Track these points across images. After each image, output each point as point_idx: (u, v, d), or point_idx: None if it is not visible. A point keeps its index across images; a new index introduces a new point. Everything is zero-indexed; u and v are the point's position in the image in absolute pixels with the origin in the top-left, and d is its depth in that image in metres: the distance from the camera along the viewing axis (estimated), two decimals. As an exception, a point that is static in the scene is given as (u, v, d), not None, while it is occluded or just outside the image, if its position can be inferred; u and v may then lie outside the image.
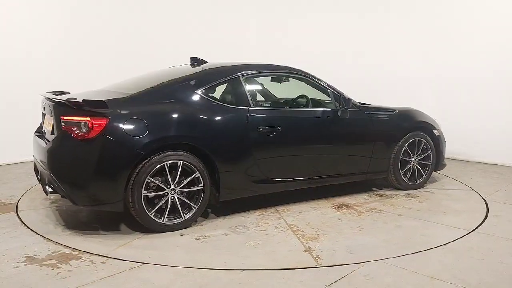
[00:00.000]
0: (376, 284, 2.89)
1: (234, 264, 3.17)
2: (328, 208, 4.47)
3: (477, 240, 3.69)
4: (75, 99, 3.63)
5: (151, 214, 3.65)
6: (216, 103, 4.04)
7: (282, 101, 5.18)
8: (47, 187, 3.74)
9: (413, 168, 5.08)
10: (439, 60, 6.96)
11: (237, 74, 4.25)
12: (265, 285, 2.87)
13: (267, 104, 5.04)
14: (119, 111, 3.60)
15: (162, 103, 3.84)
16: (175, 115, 3.80)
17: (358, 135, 4.77)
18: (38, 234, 3.71)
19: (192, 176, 3.77)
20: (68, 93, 4.46)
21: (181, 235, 3.69)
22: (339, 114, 4.59)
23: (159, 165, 3.62)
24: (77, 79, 6.40)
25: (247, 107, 4.12)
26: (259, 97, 5.01)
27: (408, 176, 5.06)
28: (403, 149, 4.96)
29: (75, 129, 3.49)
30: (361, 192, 5.03)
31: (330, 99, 4.69)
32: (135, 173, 3.56)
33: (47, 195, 3.94)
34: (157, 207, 3.67)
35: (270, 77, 4.84)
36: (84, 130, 3.48)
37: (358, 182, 5.07)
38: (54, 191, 3.71)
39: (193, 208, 3.83)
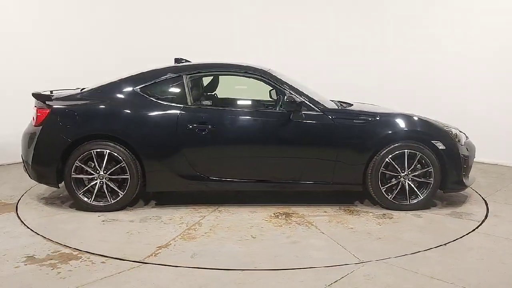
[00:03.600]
0: (376, 284, 2.89)
1: (88, 244, 3.50)
2: (263, 213, 4.25)
3: (477, 240, 3.68)
4: (45, 93, 4.40)
5: (79, 194, 4.22)
6: (150, 100, 4.32)
7: (233, 101, 5.10)
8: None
9: (402, 185, 4.34)
10: (439, 60, 6.96)
11: (180, 73, 4.46)
12: (265, 285, 2.87)
13: (207, 103, 4.74)
14: (59, 105, 4.30)
15: (99, 98, 4.35)
16: (103, 109, 4.31)
17: (315, 140, 4.32)
18: (38, 234, 3.71)
19: (118, 165, 4.19)
20: (82, 89, 4.66)
21: (98, 216, 4.14)
22: (291, 116, 4.27)
23: (86, 152, 4.16)
24: (78, 78, 6.39)
25: (182, 105, 4.31)
26: (208, 96, 4.96)
27: (394, 193, 4.34)
28: (385, 161, 4.27)
29: (33, 118, 4.38)
30: (332, 204, 4.53)
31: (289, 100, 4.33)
32: (68, 158, 4.19)
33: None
34: (85, 188, 4.22)
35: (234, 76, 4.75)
36: (35, 119, 4.32)
37: (345, 194, 4.68)
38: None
39: (119, 194, 4.22)
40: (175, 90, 4.48)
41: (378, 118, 4.39)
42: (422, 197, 4.35)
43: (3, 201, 4.62)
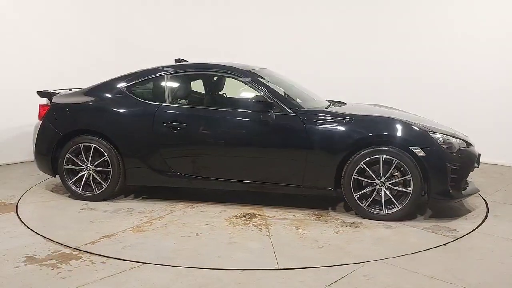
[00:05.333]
0: (376, 284, 2.90)
1: (47, 229, 3.85)
2: (230, 213, 4.25)
3: (477, 240, 3.69)
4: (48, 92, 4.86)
5: (70, 183, 4.58)
6: (133, 98, 4.57)
7: (213, 100, 5.08)
8: None
9: (378, 193, 4.06)
10: (438, 60, 6.95)
11: (162, 73, 4.63)
12: (265, 285, 2.88)
13: (183, 101, 4.73)
14: (56, 101, 4.74)
15: (91, 96, 4.69)
16: (91, 107, 4.66)
17: (284, 141, 4.22)
18: (38, 234, 3.71)
19: (102, 159, 4.48)
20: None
21: (82, 205, 4.46)
22: (261, 117, 4.23)
23: (76, 145, 4.52)
24: (79, 79, 6.40)
25: (159, 103, 4.48)
26: (186, 95, 4.88)
27: (367, 201, 4.07)
28: (358, 166, 4.03)
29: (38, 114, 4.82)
30: (309, 208, 4.37)
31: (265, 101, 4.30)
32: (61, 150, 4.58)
33: None
34: (74, 178, 4.56)
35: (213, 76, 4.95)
36: (38, 114, 4.79)
37: (333, 198, 4.48)
38: None
39: (103, 186, 4.52)
40: (155, 89, 4.71)
41: (351, 120, 4.15)
42: (399, 208, 4.01)
43: (3, 201, 4.62)
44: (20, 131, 6.37)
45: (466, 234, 3.79)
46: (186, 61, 5.07)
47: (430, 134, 4.05)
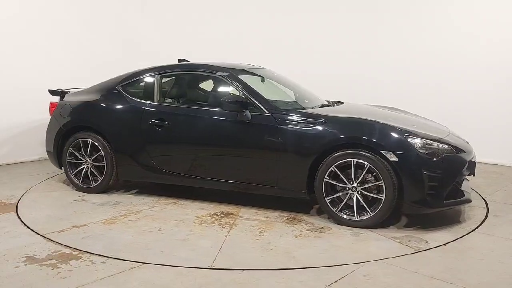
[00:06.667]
0: (376, 284, 2.90)
1: (32, 217, 4.23)
2: (206, 211, 4.30)
3: (477, 240, 3.68)
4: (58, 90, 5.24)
5: (72, 176, 4.91)
6: (126, 97, 4.77)
7: (199, 99, 5.08)
8: None
9: (351, 199, 3.88)
10: (438, 60, 6.95)
11: (151, 72, 4.80)
12: (265, 285, 2.88)
13: (169, 100, 4.86)
14: (65, 99, 5.12)
15: (93, 94, 4.94)
16: (89, 104, 4.89)
17: (258, 142, 4.16)
18: (38, 234, 3.71)
19: (97, 154, 4.75)
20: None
21: (78, 196, 4.78)
22: (237, 116, 4.21)
23: (76, 140, 4.83)
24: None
25: (148, 102, 4.67)
26: (172, 94, 4.97)
27: (340, 206, 3.90)
28: (329, 170, 3.88)
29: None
30: (284, 210, 4.30)
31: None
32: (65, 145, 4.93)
33: None
34: (75, 171, 4.89)
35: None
36: (50, 112, 5.17)
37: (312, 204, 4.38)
38: None
39: (99, 179, 4.78)
40: (145, 88, 4.87)
41: (325, 122, 4.02)
42: (371, 214, 3.79)
43: (3, 201, 4.62)
44: (20, 131, 6.38)
45: (466, 234, 3.79)
46: (188, 61, 5.14)
47: (408, 139, 3.78)
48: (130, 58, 7.06)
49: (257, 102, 4.26)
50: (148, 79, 4.81)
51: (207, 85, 5.10)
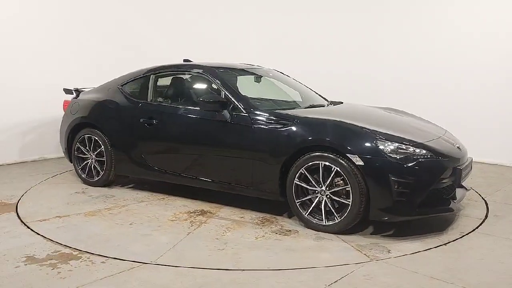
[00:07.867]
0: (376, 284, 2.90)
1: (26, 204, 4.37)
2: (187, 208, 4.38)
3: (477, 240, 3.68)
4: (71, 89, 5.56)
5: (79, 170, 5.24)
6: (124, 96, 5.01)
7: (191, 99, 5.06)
8: None
9: (319, 203, 3.76)
10: (438, 60, 6.96)
11: (148, 72, 4.99)
12: (265, 285, 2.88)
13: (160, 99, 4.94)
14: (77, 97, 5.44)
15: (99, 93, 5.22)
16: (93, 103, 5.17)
17: (235, 141, 4.16)
18: (38, 234, 3.71)
19: (99, 149, 5.02)
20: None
21: (81, 188, 5.07)
22: (216, 115, 4.24)
23: (82, 136, 5.15)
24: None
25: (142, 101, 4.86)
26: (164, 93, 5.04)
27: (309, 210, 3.81)
28: (299, 172, 3.80)
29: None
30: (263, 211, 4.27)
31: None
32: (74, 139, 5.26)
33: None
34: (81, 165, 5.20)
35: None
36: (63, 109, 5.54)
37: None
38: None
39: (100, 173, 5.06)
40: (141, 88, 5.03)
41: (297, 123, 3.93)
42: (339, 220, 3.66)
43: (3, 201, 4.63)
44: (20, 130, 6.38)
45: (466, 234, 3.79)
46: (190, 61, 5.23)
47: (378, 142, 3.61)
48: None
49: (236, 102, 4.25)
50: (144, 79, 5.00)
51: (197, 84, 5.08)
